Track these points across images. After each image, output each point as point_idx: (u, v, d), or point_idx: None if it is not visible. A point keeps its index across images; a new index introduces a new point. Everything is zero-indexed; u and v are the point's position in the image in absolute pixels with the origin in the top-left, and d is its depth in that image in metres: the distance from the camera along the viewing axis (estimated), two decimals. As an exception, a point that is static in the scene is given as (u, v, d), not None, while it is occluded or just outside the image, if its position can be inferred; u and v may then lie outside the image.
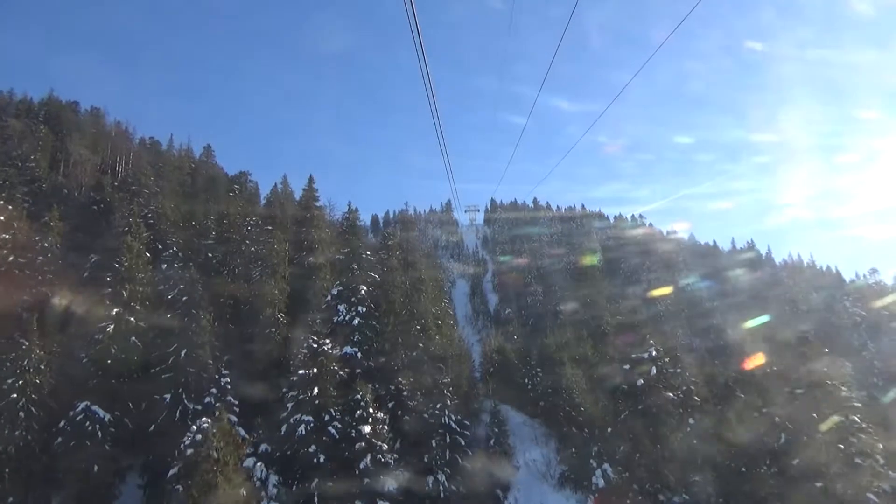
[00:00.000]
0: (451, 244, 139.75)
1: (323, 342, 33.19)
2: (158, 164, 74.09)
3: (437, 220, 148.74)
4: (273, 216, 54.80)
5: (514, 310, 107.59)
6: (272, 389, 36.24)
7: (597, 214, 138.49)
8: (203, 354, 37.27)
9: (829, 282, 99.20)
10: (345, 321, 40.26)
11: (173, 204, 61.99)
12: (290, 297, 46.87)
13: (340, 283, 41.93)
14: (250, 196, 75.43)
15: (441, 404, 37.22)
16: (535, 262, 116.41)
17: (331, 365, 32.83)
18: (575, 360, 43.00)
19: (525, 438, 42.25)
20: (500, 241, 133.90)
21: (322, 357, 32.53)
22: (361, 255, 43.92)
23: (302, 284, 47.60)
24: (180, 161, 76.83)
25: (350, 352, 39.11)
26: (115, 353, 35.75)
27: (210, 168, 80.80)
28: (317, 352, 32.52)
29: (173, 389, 34.53)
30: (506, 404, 46.17)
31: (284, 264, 46.93)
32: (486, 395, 47.23)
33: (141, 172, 65.03)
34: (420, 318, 45.31)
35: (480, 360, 56.28)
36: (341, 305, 40.76)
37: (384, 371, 39.85)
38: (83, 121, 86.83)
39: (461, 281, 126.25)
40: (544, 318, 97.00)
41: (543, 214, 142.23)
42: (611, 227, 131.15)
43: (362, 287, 41.37)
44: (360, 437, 30.42)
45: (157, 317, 39.52)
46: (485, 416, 42.22)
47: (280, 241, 47.31)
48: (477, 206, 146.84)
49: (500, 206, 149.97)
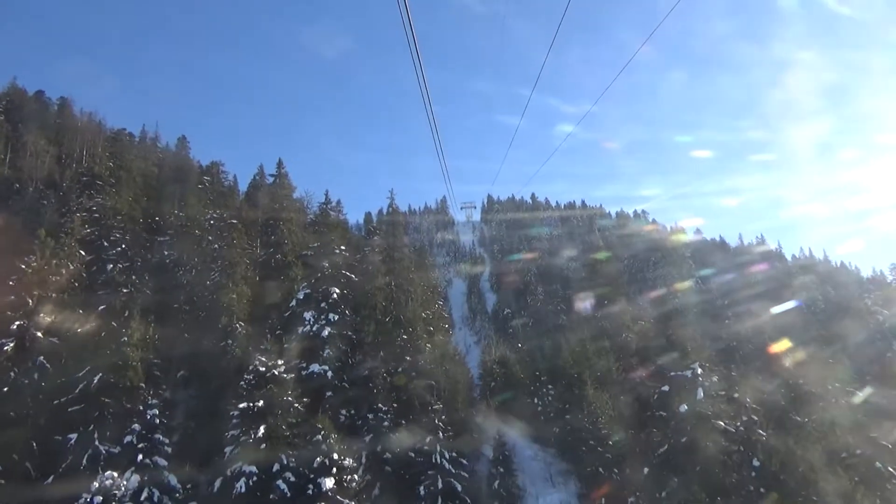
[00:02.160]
0: (446, 242, 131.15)
1: (274, 364, 24.50)
2: (124, 156, 65.20)
3: (433, 217, 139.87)
4: (238, 208, 46.03)
5: (513, 310, 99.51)
6: (225, 420, 27.64)
7: (598, 211, 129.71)
8: (132, 377, 28.67)
9: (845, 278, 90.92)
10: (312, 332, 31.63)
11: (131, 197, 53.27)
12: (254, 302, 38.26)
13: (308, 286, 33.26)
14: (228, 190, 66.85)
15: (431, 437, 28.59)
16: (536, 261, 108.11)
17: (284, 395, 24.16)
18: (596, 378, 34.35)
19: (537, 477, 33.48)
20: (499, 238, 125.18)
21: (272, 384, 23.84)
22: (334, 250, 35.16)
23: (271, 287, 38.98)
24: (145, 151, 67.81)
25: (318, 370, 30.51)
26: (15, 378, 27.16)
27: (183, 160, 71.92)
28: (264, 377, 23.83)
29: (82, 427, 25.92)
30: (511, 428, 37.56)
31: (245, 263, 38.21)
32: (487, 416, 38.49)
33: (95, 162, 56.19)
34: (408, 326, 36.70)
35: (479, 372, 47.40)
36: (308, 312, 32.12)
37: (361, 394, 31.27)
38: (49, 112, 78.32)
39: (458, 280, 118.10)
40: (547, 320, 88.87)
41: (543, 211, 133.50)
42: (614, 223, 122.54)
43: (334, 290, 32.75)
44: (319, 496, 21.75)
45: (79, 330, 30.97)
46: (487, 449, 33.48)
47: (240, 235, 38.63)
48: (473, 203, 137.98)
49: (498, 203, 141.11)
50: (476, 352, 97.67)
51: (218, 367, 32.82)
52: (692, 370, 29.24)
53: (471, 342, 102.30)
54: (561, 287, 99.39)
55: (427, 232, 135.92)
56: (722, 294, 71.68)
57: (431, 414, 29.57)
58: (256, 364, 23.96)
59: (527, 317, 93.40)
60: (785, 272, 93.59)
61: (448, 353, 39.43)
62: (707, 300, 67.20)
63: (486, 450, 33.45)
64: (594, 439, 30.33)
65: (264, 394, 23.51)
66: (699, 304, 63.05)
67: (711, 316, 60.17)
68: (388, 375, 32.96)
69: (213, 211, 47.60)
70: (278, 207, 40.50)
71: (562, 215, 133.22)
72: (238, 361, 32.68)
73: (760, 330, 46.89)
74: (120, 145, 71.34)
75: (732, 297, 70.00)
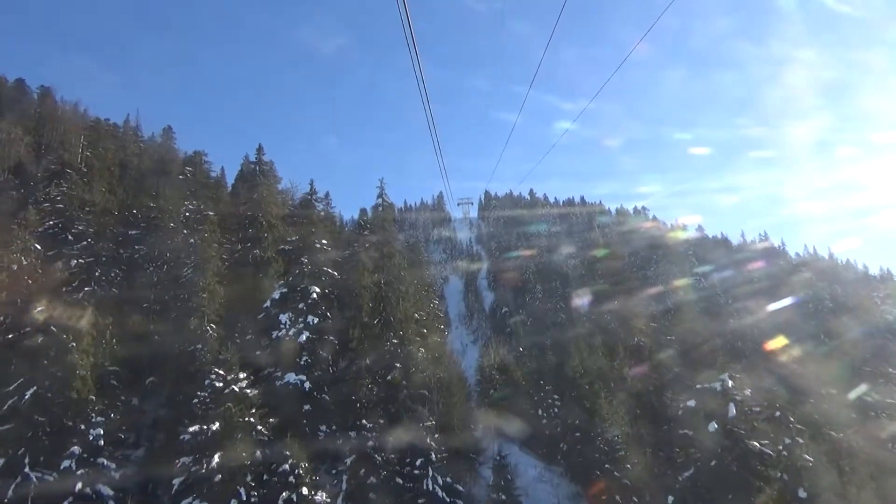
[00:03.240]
0: (443, 239, 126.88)
1: (234, 377, 20.31)
2: (99, 145, 60.80)
3: (429, 213, 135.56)
4: (215, 199, 41.73)
5: (511, 309, 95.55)
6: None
7: (598, 207, 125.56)
8: (79, 389, 24.50)
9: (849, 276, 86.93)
10: (288, 337, 27.45)
11: (104, 188, 48.94)
12: (228, 302, 34.08)
13: (285, 284, 29.07)
14: (215, 183, 62.47)
15: (423, 459, 24.50)
16: (534, 258, 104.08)
17: (246, 415, 19.99)
18: (609, 388, 30.17)
19: (543, 503, 29.32)
20: (496, 235, 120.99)
21: (230, 403, 19.67)
22: (314, 244, 30.92)
23: (247, 286, 34.75)
24: (126, 141, 63.37)
25: (294, 380, 26.35)
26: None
27: (167, 151, 67.50)
28: (222, 394, 19.66)
29: (11, 450, 21.72)
30: (513, 443, 33.45)
31: (220, 259, 33.98)
32: (486, 429, 34.30)
33: (66, 150, 51.86)
34: (398, 328, 32.46)
35: (477, 377, 43.16)
36: (284, 314, 27.93)
37: (343, 408, 27.13)
38: (28, 100, 73.93)
39: (454, 277, 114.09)
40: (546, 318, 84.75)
41: (541, 208, 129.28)
42: (614, 220, 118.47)
43: (314, 289, 28.59)
44: (283, 542, 17.62)
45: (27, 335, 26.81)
46: (485, 470, 29.28)
47: (213, 228, 34.42)
48: (470, 199, 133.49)
49: (495, 199, 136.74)
50: (473, 351, 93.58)
51: (186, 374, 28.72)
52: (721, 382, 25.14)
53: (468, 341, 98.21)
54: (560, 285, 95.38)
55: (423, 228, 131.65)
56: (725, 291, 67.74)
57: (423, 430, 25.45)
58: (213, 378, 19.72)
59: (525, 315, 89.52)
60: (788, 269, 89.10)
61: (443, 359, 35.24)
62: (708, 296, 63.30)
63: (485, 471, 29.31)
64: (609, 461, 26.19)
65: (222, 414, 19.31)
66: (701, 301, 59.22)
67: (712, 314, 56.39)
68: (374, 385, 28.87)
69: (190, 202, 43.37)
70: (257, 198, 36.19)
71: (560, 212, 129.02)
72: (208, 368, 28.65)
73: (765, 327, 43.30)
74: (96, 134, 66.81)
75: (734, 294, 66.15)
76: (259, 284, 34.94)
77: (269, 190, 36.56)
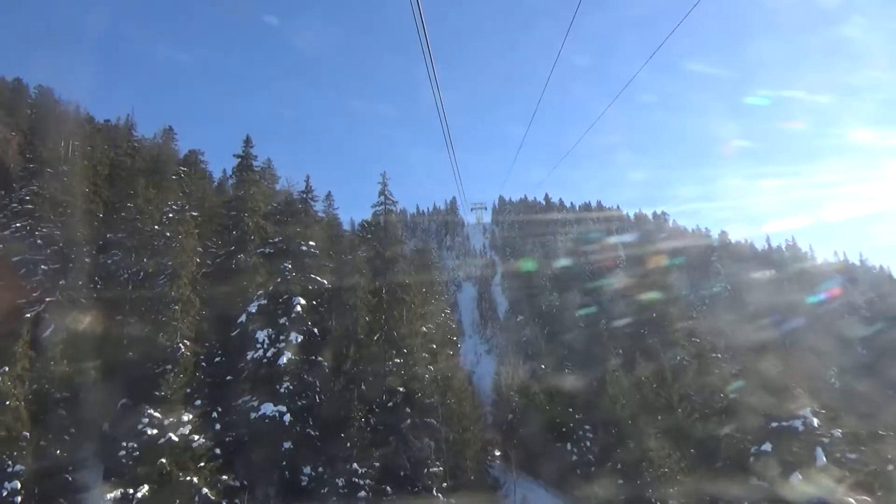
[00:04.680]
0: (456, 245, 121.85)
1: (176, 421, 15.15)
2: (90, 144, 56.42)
3: (442, 219, 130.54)
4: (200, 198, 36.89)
5: (527, 317, 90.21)
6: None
7: (616, 213, 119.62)
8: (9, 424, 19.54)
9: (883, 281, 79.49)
10: (266, 359, 22.31)
11: (88, 188, 44.37)
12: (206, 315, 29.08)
13: (265, 294, 23.93)
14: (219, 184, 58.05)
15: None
16: (550, 264, 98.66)
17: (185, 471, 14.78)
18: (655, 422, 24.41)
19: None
20: (510, 241, 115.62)
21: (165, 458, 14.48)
22: (300, 246, 25.76)
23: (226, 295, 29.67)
24: (117, 140, 58.94)
25: (271, 412, 21.18)
26: None
27: (163, 151, 63.07)
28: (155, 446, 14.48)
29: None
30: (534, 481, 27.89)
31: (195, 264, 29.01)
32: (506, 469, 28.61)
33: (45, 148, 47.39)
34: (402, 344, 27.16)
35: (493, 397, 37.60)
36: (262, 332, 22.78)
37: (333, 447, 21.90)
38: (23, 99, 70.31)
39: (467, 284, 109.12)
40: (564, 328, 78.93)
41: (557, 213, 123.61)
42: (631, 224, 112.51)
43: (298, 300, 23.40)
44: None
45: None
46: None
47: (189, 229, 29.48)
48: (484, 204, 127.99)
49: (510, 204, 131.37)
50: (487, 362, 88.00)
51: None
52: (804, 419, 19.54)
53: (482, 350, 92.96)
54: (580, 293, 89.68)
55: (436, 234, 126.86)
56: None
57: (428, 479, 20.12)
58: (144, 425, 14.58)
59: (540, 322, 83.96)
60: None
61: (454, 380, 29.82)
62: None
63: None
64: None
65: (155, 472, 14.14)
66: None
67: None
68: (371, 414, 23.63)
69: (175, 203, 38.65)
70: (242, 195, 31.27)
71: (577, 217, 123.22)
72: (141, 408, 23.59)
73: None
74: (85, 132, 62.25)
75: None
76: (244, 294, 29.91)
77: (257, 186, 31.61)
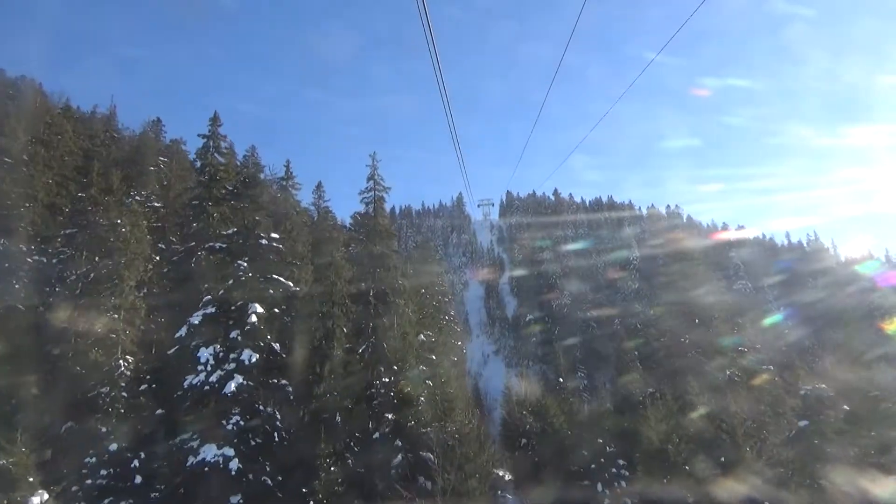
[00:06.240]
0: (462, 242, 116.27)
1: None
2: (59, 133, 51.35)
3: (448, 215, 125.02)
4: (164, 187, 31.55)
5: (536, 317, 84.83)
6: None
7: (627, 209, 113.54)
8: None
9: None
10: (210, 385, 16.89)
11: (52, 180, 39.26)
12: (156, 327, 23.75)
13: (212, 300, 18.48)
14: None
15: None
16: (560, 262, 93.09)
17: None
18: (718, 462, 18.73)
19: None
20: (519, 238, 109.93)
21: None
22: (260, 240, 20.35)
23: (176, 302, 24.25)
24: (92, 128, 53.81)
25: (212, 458, 15.78)
26: None
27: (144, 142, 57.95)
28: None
29: None
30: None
31: (139, 265, 23.60)
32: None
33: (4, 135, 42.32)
34: (394, 358, 21.75)
35: (503, 416, 32.06)
36: (205, 349, 17.34)
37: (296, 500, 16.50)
38: (6, 92, 65.50)
39: (474, 283, 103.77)
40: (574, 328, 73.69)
41: (567, 209, 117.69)
42: (644, 220, 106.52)
43: (254, 307, 17.94)
44: None
45: None
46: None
47: (136, 221, 24.19)
48: (491, 200, 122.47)
49: (518, 200, 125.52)
50: (496, 363, 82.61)
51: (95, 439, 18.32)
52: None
53: (489, 351, 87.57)
54: (592, 291, 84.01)
55: (442, 231, 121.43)
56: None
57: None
58: None
59: (549, 322, 78.63)
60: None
61: (458, 401, 24.35)
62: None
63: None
64: None
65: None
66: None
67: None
68: (348, 452, 18.21)
69: (138, 193, 33.52)
70: (205, 181, 25.97)
71: (588, 214, 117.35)
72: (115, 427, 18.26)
73: None
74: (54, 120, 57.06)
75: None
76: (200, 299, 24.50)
77: (223, 173, 26.22)
